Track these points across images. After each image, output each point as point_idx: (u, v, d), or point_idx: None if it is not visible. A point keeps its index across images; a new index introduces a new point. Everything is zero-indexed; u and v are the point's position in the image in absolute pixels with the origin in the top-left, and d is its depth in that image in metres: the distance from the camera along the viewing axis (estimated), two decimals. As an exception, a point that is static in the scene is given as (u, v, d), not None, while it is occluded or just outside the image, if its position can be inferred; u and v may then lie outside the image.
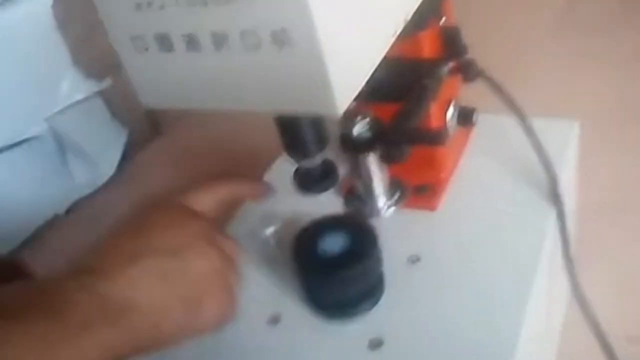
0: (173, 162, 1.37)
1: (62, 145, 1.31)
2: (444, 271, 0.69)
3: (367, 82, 0.57)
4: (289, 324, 0.68)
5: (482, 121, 0.81)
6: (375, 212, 0.60)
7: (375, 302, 0.67)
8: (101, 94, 1.34)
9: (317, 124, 0.56)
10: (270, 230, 0.73)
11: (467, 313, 0.64)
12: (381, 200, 0.60)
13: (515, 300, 0.64)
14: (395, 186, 0.61)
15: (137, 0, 0.45)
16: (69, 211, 1.32)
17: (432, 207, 0.76)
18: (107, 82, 1.32)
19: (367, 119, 0.56)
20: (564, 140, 0.83)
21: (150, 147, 1.44)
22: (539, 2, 1.68)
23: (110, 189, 1.35)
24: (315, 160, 0.59)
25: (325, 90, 0.44)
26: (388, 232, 0.68)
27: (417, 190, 0.77)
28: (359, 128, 0.56)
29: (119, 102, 1.39)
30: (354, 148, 0.57)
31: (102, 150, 1.35)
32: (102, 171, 1.35)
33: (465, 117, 0.77)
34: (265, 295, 0.71)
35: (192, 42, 0.45)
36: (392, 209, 0.60)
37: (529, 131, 0.75)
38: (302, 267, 0.66)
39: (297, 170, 0.61)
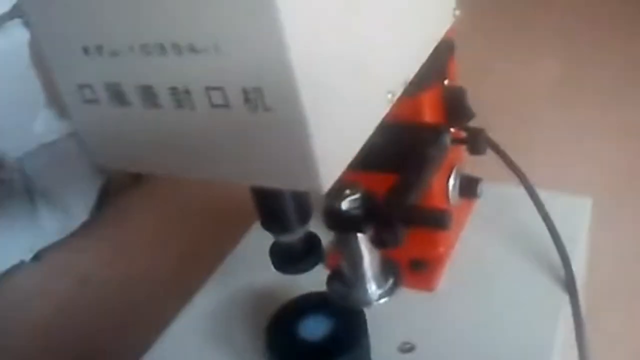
0: (151, 212, 1.28)
1: (31, 189, 1.23)
2: (442, 362, 0.60)
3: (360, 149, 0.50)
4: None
5: (486, 190, 0.73)
6: (365, 300, 0.52)
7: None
8: (77, 135, 1.26)
9: (299, 194, 0.48)
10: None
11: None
12: (372, 287, 0.51)
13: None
14: (389, 270, 0.53)
15: (85, 44, 0.37)
16: (36, 257, 1.23)
17: (429, 287, 0.68)
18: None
19: (358, 194, 0.47)
20: (576, 218, 0.75)
21: (129, 193, 1.35)
22: (534, 71, 1.62)
23: (82, 235, 1.26)
24: (296, 235, 0.50)
25: (308, 163, 0.36)
26: (377, 315, 0.59)
27: (413, 267, 0.69)
28: (349, 203, 0.47)
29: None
30: (341, 226, 0.48)
31: (75, 196, 1.27)
32: (73, 217, 1.26)
33: (469, 188, 0.69)
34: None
35: (148, 96, 0.37)
36: (385, 299, 0.51)
37: (541, 209, 0.67)
38: (277, 357, 0.57)
39: (273, 246, 0.52)
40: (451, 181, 0.68)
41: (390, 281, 0.52)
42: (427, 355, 0.61)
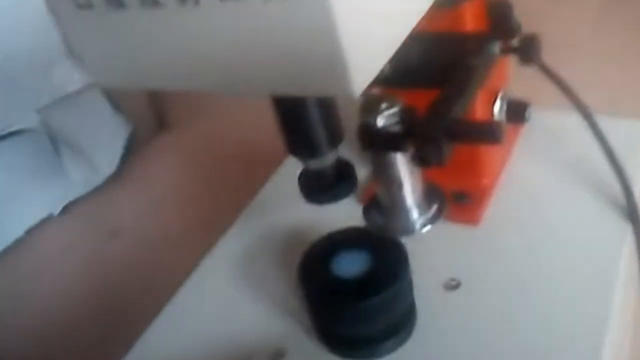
0: (179, 160, 1.24)
1: (55, 141, 1.20)
2: (490, 299, 0.55)
3: (397, 63, 0.44)
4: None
5: (534, 117, 0.67)
6: (406, 229, 0.46)
7: (404, 340, 0.54)
8: (99, 86, 1.22)
9: (328, 111, 0.42)
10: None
11: (524, 352, 0.50)
12: (413, 214, 0.46)
13: (589, 337, 0.50)
14: (433, 195, 0.47)
15: None
16: (64, 211, 1.21)
17: (473, 221, 0.62)
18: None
19: (397, 108, 0.42)
20: (635, 143, 0.68)
21: (154, 144, 1.32)
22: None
23: (109, 188, 1.23)
24: (327, 160, 0.45)
25: (336, 60, 0.31)
26: (419, 251, 0.55)
27: (455, 200, 0.63)
28: (386, 119, 0.42)
29: (120, 93, 1.27)
30: (378, 145, 0.43)
31: (101, 147, 1.23)
32: (100, 169, 1.23)
33: (517, 112, 0.63)
34: (267, 326, 0.58)
35: (148, -8, 0.31)
36: (427, 227, 0.46)
37: (596, 131, 0.60)
38: (311, 294, 0.53)
39: (302, 174, 0.47)
40: (497, 105, 0.62)
41: (434, 208, 0.47)
42: (475, 292, 0.56)
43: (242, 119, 1.20)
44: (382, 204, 0.47)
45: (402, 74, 0.46)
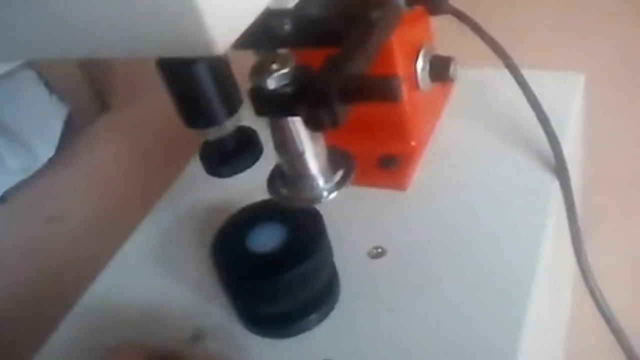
0: (120, 142, 1.20)
1: (-11, 126, 1.15)
2: (417, 267, 0.53)
3: (296, 20, 0.42)
4: (217, 341, 0.52)
5: (463, 76, 0.65)
6: (312, 198, 0.44)
7: (326, 313, 0.51)
8: (33, 64, 1.17)
9: (221, 75, 0.39)
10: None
11: (451, 320, 0.48)
12: (319, 182, 0.43)
13: (515, 293, 0.49)
14: (339, 160, 0.44)
15: None
16: (1, 199, 1.16)
17: (401, 186, 0.60)
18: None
19: (288, 68, 0.39)
20: (567, 96, 0.66)
21: (94, 127, 1.27)
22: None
23: (48, 173, 1.18)
24: (225, 129, 0.42)
25: (193, 16, 0.28)
26: (342, 219, 0.52)
27: (382, 164, 0.61)
28: (277, 80, 0.39)
29: (56, 72, 1.21)
30: (271, 109, 0.40)
31: (38, 131, 1.18)
32: (38, 155, 1.18)
33: (441, 70, 0.60)
34: (186, 308, 0.55)
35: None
36: (334, 194, 0.43)
37: (523, 86, 0.58)
38: (226, 272, 0.50)
39: (203, 146, 0.44)
40: (419, 62, 0.59)
41: (340, 173, 0.44)
42: (400, 260, 0.54)
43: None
44: (286, 174, 0.44)
45: (302, 32, 0.43)
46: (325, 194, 0.43)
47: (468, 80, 0.67)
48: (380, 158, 0.61)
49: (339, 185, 0.43)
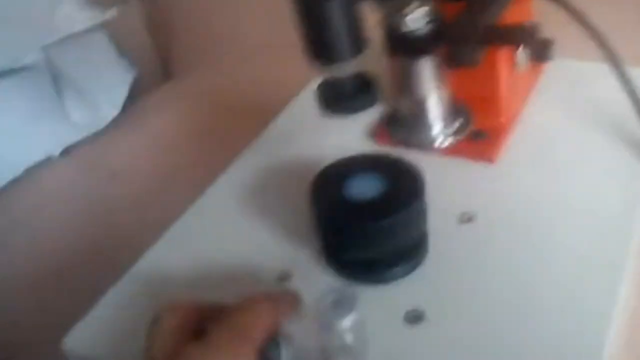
0: (182, 109, 1.22)
1: (59, 80, 1.17)
2: (504, 233, 0.54)
3: None
4: (302, 283, 0.53)
5: (557, 65, 0.66)
6: (428, 141, 0.45)
7: (416, 266, 0.53)
8: (105, 27, 1.19)
9: (352, 12, 0.41)
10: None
11: (537, 285, 0.49)
12: (436, 127, 0.44)
13: (606, 274, 0.49)
14: (458, 111, 0.45)
15: None
16: (63, 153, 1.18)
17: (489, 158, 0.61)
18: (111, 13, 1.16)
19: (426, 8, 0.40)
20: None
21: (158, 91, 1.29)
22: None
23: (111, 133, 1.20)
24: (348, 68, 0.44)
25: None
26: (433, 185, 0.53)
27: (472, 137, 0.62)
28: (414, 21, 0.40)
29: (126, 37, 1.24)
30: (406, 48, 0.41)
31: (105, 91, 1.20)
32: (103, 113, 1.20)
33: (541, 49, 0.61)
34: (273, 250, 0.57)
35: None
36: (451, 139, 0.44)
37: (623, 78, 0.59)
38: (322, 213, 0.51)
39: (321, 84, 0.46)
40: (520, 40, 0.60)
41: (458, 123, 0.45)
42: (488, 226, 0.55)
43: (247, 73, 1.19)
44: (403, 118, 0.46)
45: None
46: (441, 139, 0.44)
47: (559, 68, 0.69)
48: (471, 132, 0.62)
49: (456, 134, 0.44)
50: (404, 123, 0.46)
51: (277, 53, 1.06)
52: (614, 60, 0.59)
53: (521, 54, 0.60)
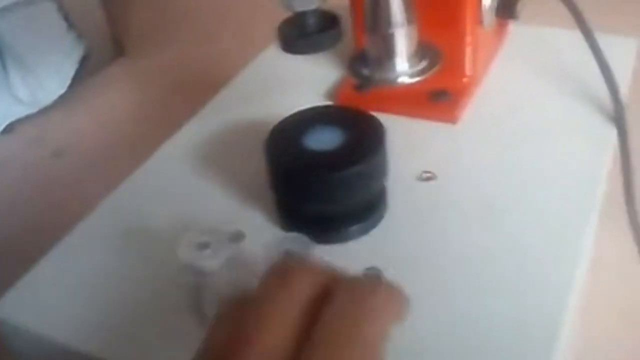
0: (134, 86, 1.18)
1: (3, 53, 1.11)
2: (464, 191, 0.52)
3: None
4: (255, 244, 0.50)
5: (520, 29, 0.65)
6: (392, 77, 0.42)
7: (374, 224, 0.50)
8: (57, -2, 1.15)
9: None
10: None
11: (494, 245, 0.47)
12: (403, 63, 0.42)
13: (569, 235, 0.47)
14: (426, 50, 0.43)
15: None
16: (7, 129, 1.13)
17: (451, 119, 0.59)
18: (61, -19, 1.12)
19: None
20: (622, 58, 0.66)
21: (108, 69, 1.24)
22: None
23: (58, 109, 1.16)
24: (310, 3, 0.41)
25: None
26: (393, 145, 0.51)
27: (434, 97, 0.59)
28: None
29: (77, 9, 1.19)
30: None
31: (52, 66, 1.15)
32: (50, 89, 1.15)
33: (508, 6, 0.59)
34: (227, 209, 0.53)
35: None
36: (417, 78, 0.42)
37: (589, 38, 0.57)
38: (279, 165, 0.48)
39: (283, 23, 0.43)
40: (487, -4, 0.58)
41: (425, 62, 0.43)
42: (448, 185, 0.53)
43: (201, 49, 1.16)
44: (370, 55, 0.43)
45: None
46: (406, 78, 0.42)
47: (525, 33, 0.67)
48: (433, 92, 0.59)
49: (420, 72, 0.42)
50: (368, 61, 0.43)
51: (232, 29, 1.02)
52: (583, 27, 0.58)
53: (488, 8, 0.58)
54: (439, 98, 0.59)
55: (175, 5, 1.20)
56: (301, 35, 0.42)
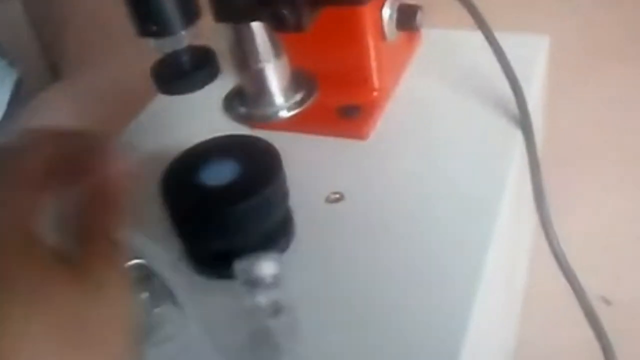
0: (71, 110, 1.15)
1: None
2: (375, 214, 0.51)
3: None
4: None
5: (430, 35, 0.64)
6: (270, 116, 0.41)
7: (281, 252, 0.49)
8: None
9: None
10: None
11: (408, 268, 0.46)
12: (278, 99, 0.41)
13: (471, 251, 0.47)
14: (301, 80, 0.42)
15: None
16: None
17: (361, 135, 0.58)
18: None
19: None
20: (532, 57, 0.65)
21: (44, 93, 1.21)
22: None
23: (-6, 139, 1.13)
24: (180, 41, 0.40)
25: None
26: (300, 166, 0.50)
27: (343, 113, 0.59)
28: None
29: (7, 35, 1.16)
30: (232, 13, 0.38)
31: (-16, 94, 1.13)
32: (-16, 118, 1.13)
33: (407, 17, 0.58)
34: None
35: None
36: (295, 111, 0.41)
37: (491, 41, 0.57)
38: (174, 204, 0.47)
39: (156, 63, 0.42)
40: (386, 10, 0.57)
41: (302, 93, 0.42)
42: (358, 205, 0.52)
43: (141, 68, 1.13)
44: (244, 92, 0.42)
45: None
46: (284, 112, 0.41)
47: (435, 39, 0.67)
48: (341, 108, 0.58)
49: (298, 104, 0.41)
50: (244, 97, 0.42)
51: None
52: (483, 27, 0.58)
53: (387, 21, 0.58)
54: (349, 114, 0.58)
55: (114, 26, 1.17)
56: (174, 75, 0.41)
